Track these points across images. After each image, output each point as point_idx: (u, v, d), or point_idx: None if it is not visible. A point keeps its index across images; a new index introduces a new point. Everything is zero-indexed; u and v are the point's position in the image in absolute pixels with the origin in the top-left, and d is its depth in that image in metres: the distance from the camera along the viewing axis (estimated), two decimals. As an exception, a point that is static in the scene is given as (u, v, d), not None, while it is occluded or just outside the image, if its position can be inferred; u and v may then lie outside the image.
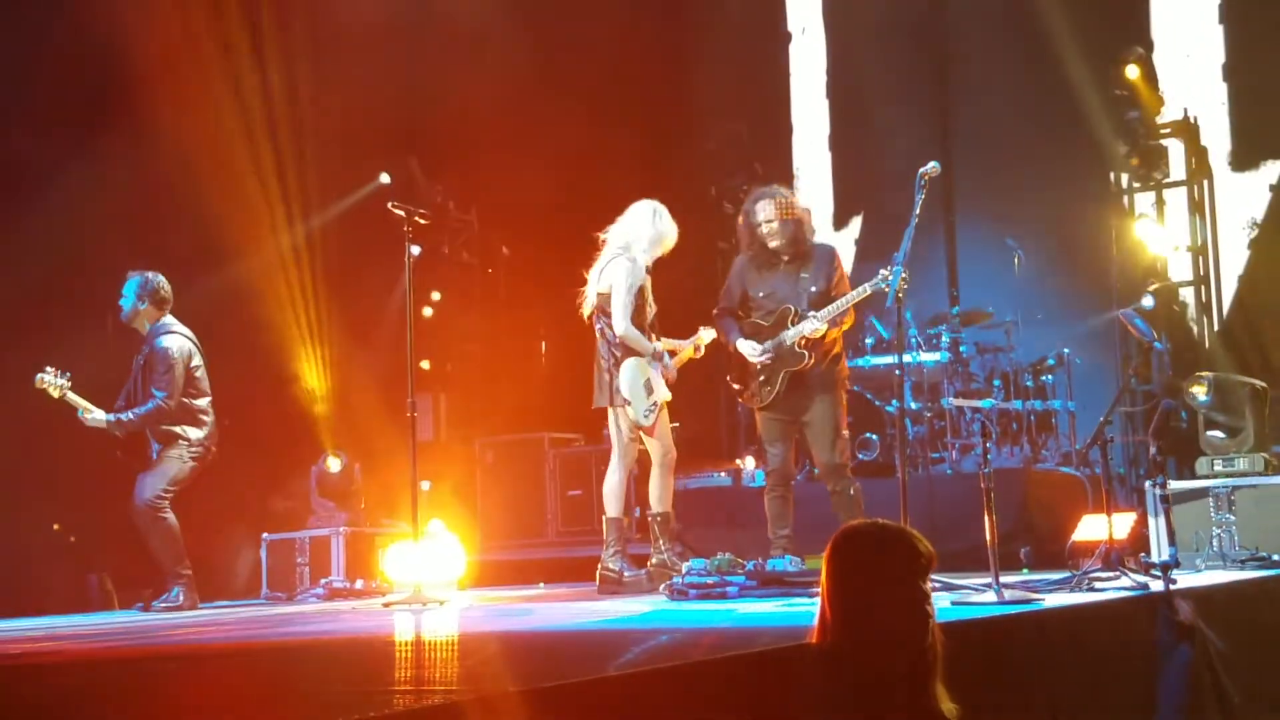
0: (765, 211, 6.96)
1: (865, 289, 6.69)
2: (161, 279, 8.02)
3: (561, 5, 11.58)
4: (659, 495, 7.20)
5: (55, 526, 8.30)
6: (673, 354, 7.29)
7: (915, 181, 5.98)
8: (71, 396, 7.70)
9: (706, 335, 7.37)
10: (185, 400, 7.91)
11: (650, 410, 7.06)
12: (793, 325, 6.88)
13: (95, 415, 7.73)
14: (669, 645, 4.07)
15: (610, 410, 7.19)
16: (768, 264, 7.03)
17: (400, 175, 11.40)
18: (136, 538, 7.96)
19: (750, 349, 6.94)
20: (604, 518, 7.28)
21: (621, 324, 6.98)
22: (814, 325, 6.80)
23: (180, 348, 7.92)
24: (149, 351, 7.89)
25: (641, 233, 7.15)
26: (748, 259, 7.12)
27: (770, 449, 7.10)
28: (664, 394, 7.13)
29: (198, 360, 8.01)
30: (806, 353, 6.88)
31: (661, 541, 7.20)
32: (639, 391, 7.06)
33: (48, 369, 7.68)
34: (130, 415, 7.79)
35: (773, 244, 6.97)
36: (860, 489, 6.97)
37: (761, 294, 7.03)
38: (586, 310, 7.22)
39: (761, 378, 6.98)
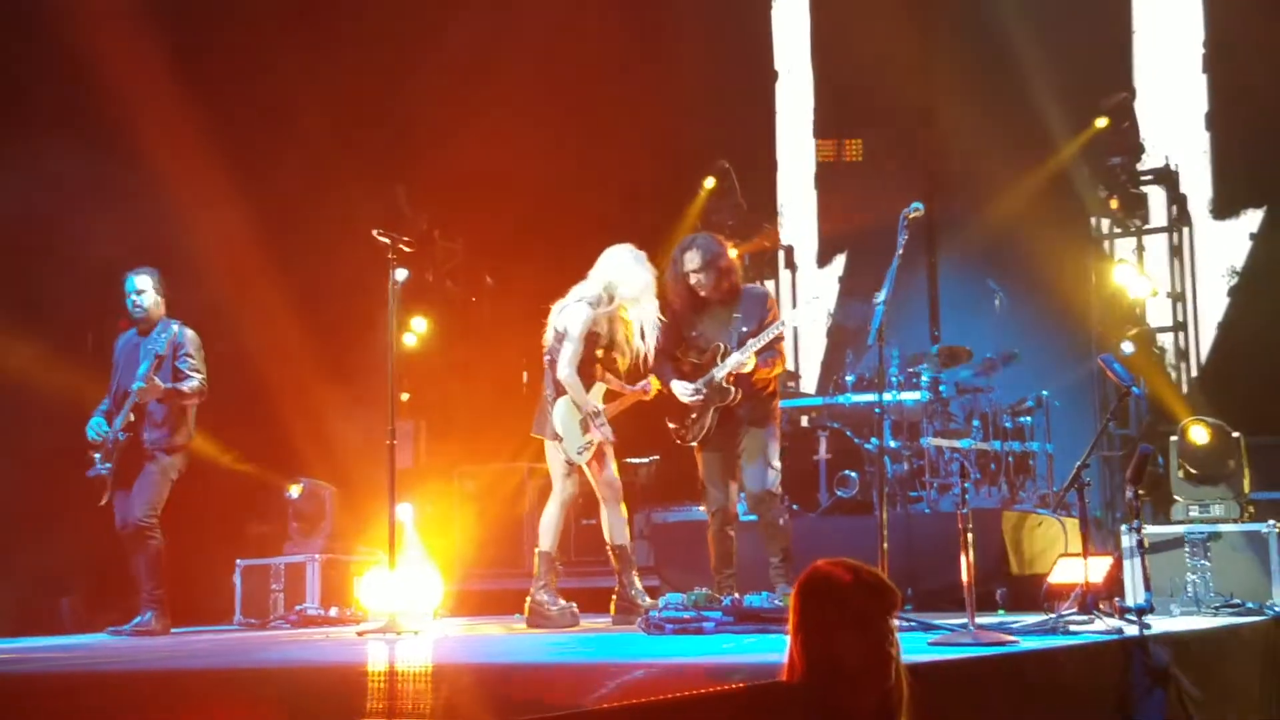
0: (692, 261, 7.13)
1: (779, 326, 6.98)
2: None
3: (550, 38, 11.65)
4: (612, 529, 7.40)
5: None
6: (616, 397, 7.46)
7: (899, 222, 6.03)
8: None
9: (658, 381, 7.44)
10: None
11: (584, 449, 7.22)
12: (721, 361, 7.04)
13: (156, 383, 7.67)
14: (646, 680, 4.06)
15: (546, 443, 7.32)
16: (700, 307, 7.21)
17: (387, 203, 11.41)
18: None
19: (681, 388, 7.12)
20: (536, 550, 7.38)
21: (566, 370, 7.12)
22: (739, 359, 6.98)
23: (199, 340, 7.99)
24: (170, 338, 7.82)
25: (632, 280, 7.24)
26: (679, 303, 7.28)
27: (710, 488, 7.23)
28: (601, 435, 7.19)
29: None
30: (733, 388, 7.03)
31: (625, 575, 7.23)
32: (573, 428, 7.20)
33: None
34: (185, 385, 7.78)
35: (702, 292, 7.15)
36: (789, 520, 7.21)
37: (694, 333, 7.21)
38: (546, 341, 7.34)
39: (693, 415, 7.16)
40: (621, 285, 7.22)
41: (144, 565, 7.75)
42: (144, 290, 7.94)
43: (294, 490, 9.55)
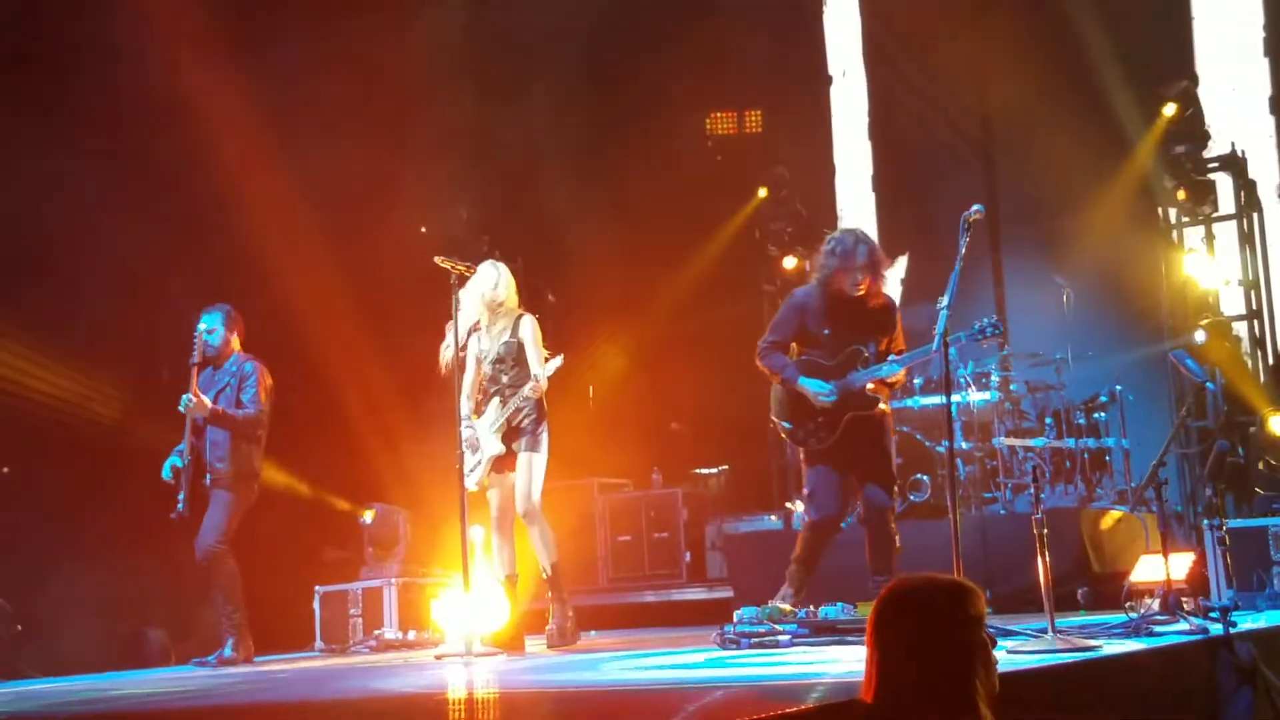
0: (862, 256, 6.76)
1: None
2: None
3: (606, 47, 11.68)
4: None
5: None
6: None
7: (959, 225, 5.96)
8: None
9: (551, 365, 7.25)
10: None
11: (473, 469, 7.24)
12: (863, 368, 6.75)
13: (203, 400, 7.81)
14: (725, 701, 4.05)
15: (535, 457, 7.30)
16: (840, 306, 6.84)
17: (447, 225, 11.49)
18: (192, 593, 8.02)
19: (816, 388, 6.77)
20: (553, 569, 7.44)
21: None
22: (892, 370, 6.69)
23: (268, 375, 8.09)
24: (238, 372, 8.00)
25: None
26: (819, 295, 6.91)
27: (823, 495, 6.90)
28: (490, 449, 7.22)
29: None
30: (879, 397, 6.79)
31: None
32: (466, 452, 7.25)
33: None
34: (239, 412, 7.90)
35: (857, 291, 6.80)
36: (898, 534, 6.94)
37: (827, 332, 6.85)
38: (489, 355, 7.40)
39: (820, 419, 6.81)
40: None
41: (220, 590, 7.86)
42: (214, 330, 8.05)
43: (368, 515, 9.65)
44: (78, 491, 8.64)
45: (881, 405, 6.86)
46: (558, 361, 7.24)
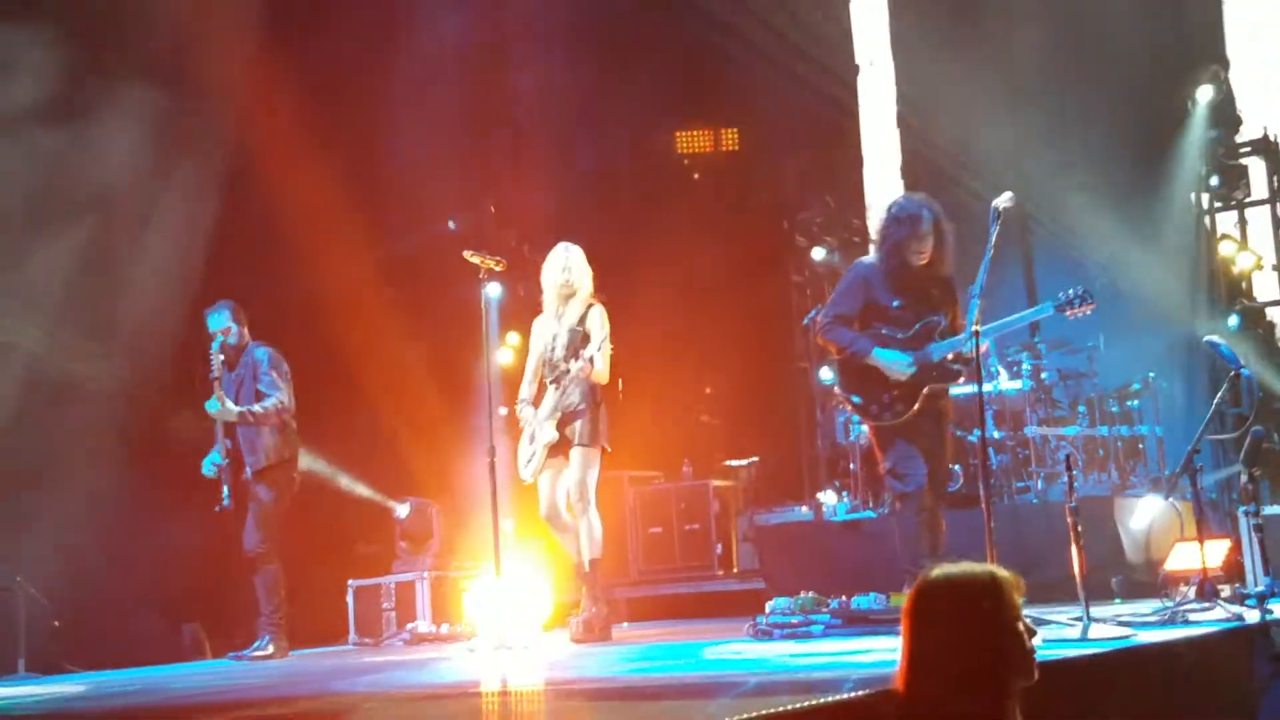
0: (928, 223, 6.41)
1: (1047, 307, 6.39)
2: None
3: (620, 40, 11.67)
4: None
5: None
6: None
7: (989, 214, 5.93)
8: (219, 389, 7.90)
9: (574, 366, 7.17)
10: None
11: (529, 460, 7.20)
12: (941, 339, 6.41)
13: (229, 406, 7.88)
14: (753, 692, 4.05)
15: (586, 450, 7.25)
16: (907, 276, 6.46)
17: (476, 219, 11.52)
18: (226, 587, 8.09)
19: (893, 361, 6.38)
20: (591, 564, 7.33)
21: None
22: (982, 341, 6.17)
23: (282, 358, 8.13)
24: (250, 361, 8.05)
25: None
26: (886, 266, 6.53)
27: (905, 469, 6.44)
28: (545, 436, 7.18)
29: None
30: (958, 369, 6.43)
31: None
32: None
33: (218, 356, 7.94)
34: (259, 406, 7.94)
35: (921, 260, 6.43)
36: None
37: (898, 304, 6.48)
38: (556, 349, 7.28)
39: (895, 391, 6.41)
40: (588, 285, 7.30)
41: (261, 590, 7.94)
42: (228, 328, 8.09)
43: (402, 510, 9.69)
44: (117, 487, 8.72)
45: (960, 380, 6.53)
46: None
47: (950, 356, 6.38)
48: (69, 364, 8.81)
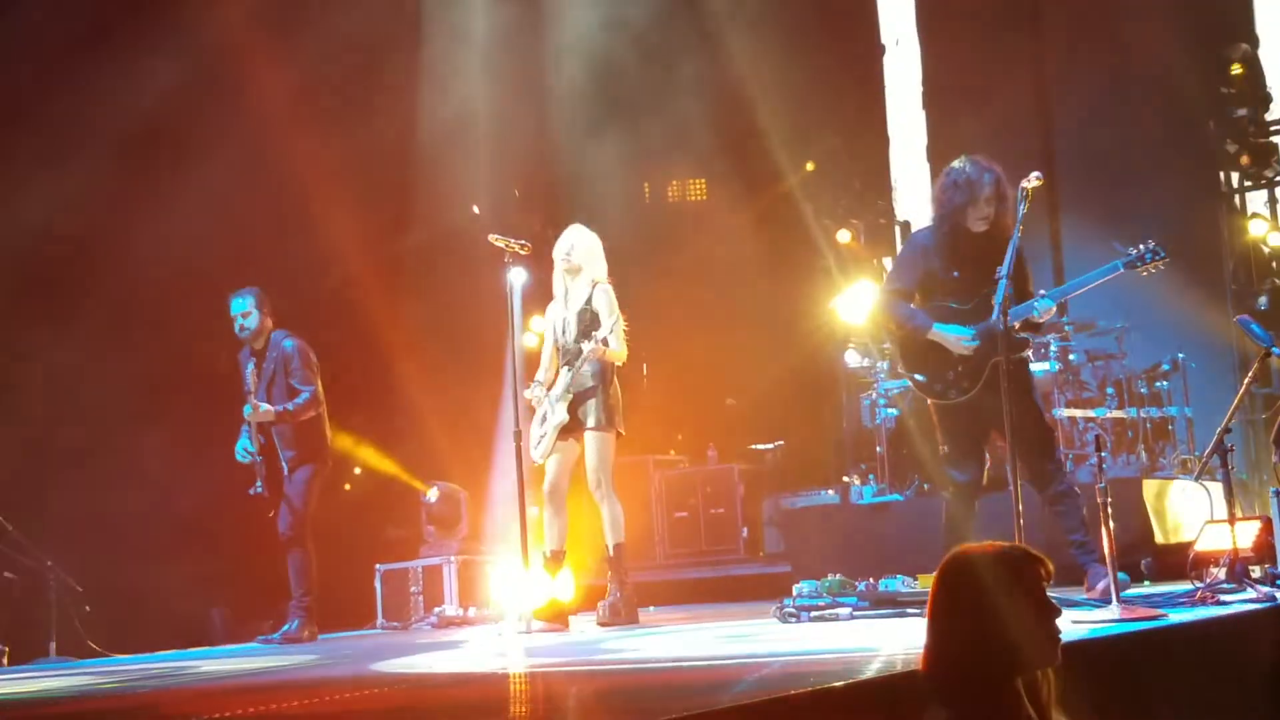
0: (988, 187, 6.07)
1: (1117, 266, 6.10)
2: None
3: (648, 26, 11.62)
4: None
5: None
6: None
7: (1016, 194, 5.88)
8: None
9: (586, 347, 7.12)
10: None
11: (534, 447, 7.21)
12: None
13: (265, 407, 7.92)
14: (779, 673, 4.04)
15: (600, 435, 7.21)
16: (965, 243, 6.12)
17: (500, 203, 11.52)
18: (254, 571, 8.15)
19: (958, 333, 6.09)
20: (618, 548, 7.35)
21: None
22: (1047, 304, 5.99)
23: (309, 348, 8.14)
24: (279, 355, 8.09)
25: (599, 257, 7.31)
26: (941, 234, 6.25)
27: (962, 456, 6.24)
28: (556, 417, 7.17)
29: None
30: (1027, 338, 6.15)
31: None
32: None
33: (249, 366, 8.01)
34: (292, 405, 7.99)
35: (981, 226, 6.12)
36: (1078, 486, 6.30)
37: (958, 274, 6.17)
38: (567, 331, 7.27)
39: (960, 367, 6.09)
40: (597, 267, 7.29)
41: (293, 574, 8.01)
42: (249, 312, 8.12)
43: (431, 494, 9.72)
44: (150, 474, 8.78)
45: (1029, 350, 6.26)
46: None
47: (1017, 325, 5.98)
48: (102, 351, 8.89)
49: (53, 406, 8.91)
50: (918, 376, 6.35)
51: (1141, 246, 6.09)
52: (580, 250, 7.33)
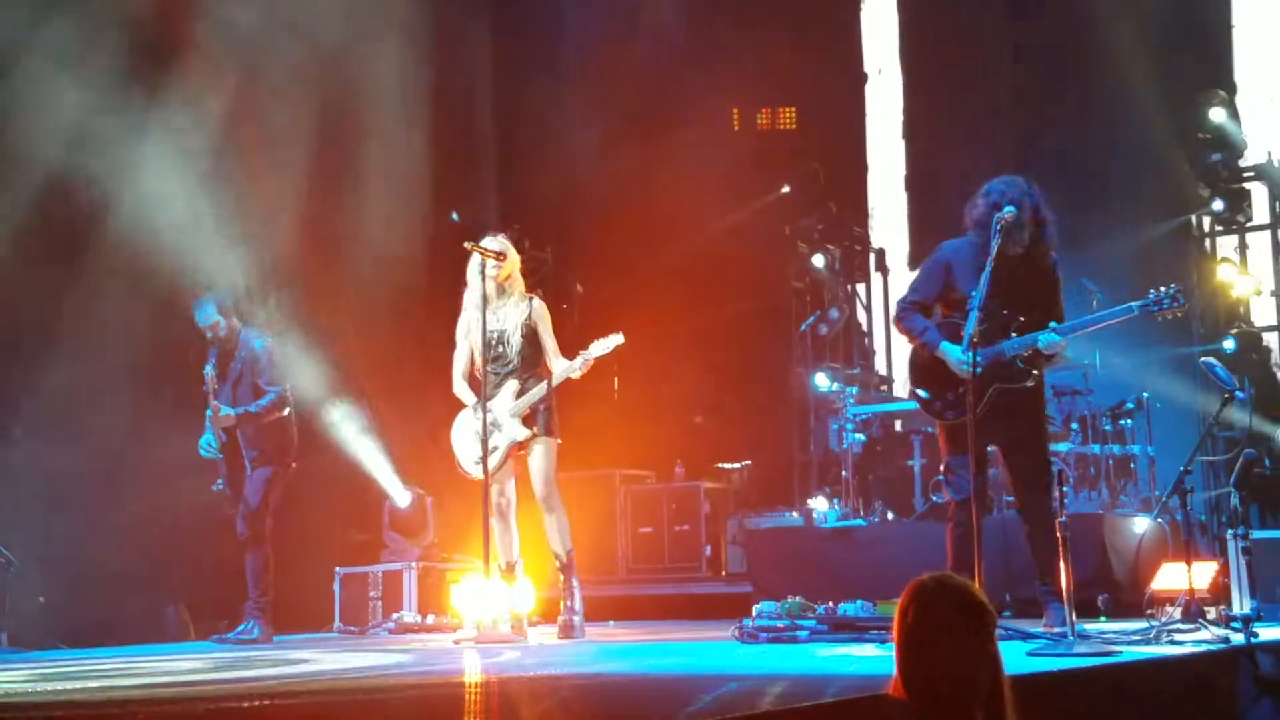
0: (1027, 211, 6.06)
1: (1132, 308, 6.07)
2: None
3: (626, 42, 11.68)
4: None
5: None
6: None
7: (990, 226, 5.94)
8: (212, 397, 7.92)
9: (597, 349, 7.10)
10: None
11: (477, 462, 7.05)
12: (1015, 335, 6.13)
13: (225, 410, 7.88)
14: (738, 693, 4.05)
15: (548, 443, 7.18)
16: (999, 264, 5.87)
17: (476, 213, 11.51)
18: (210, 570, 8.10)
19: (956, 355, 6.02)
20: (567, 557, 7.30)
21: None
22: (1052, 339, 5.99)
23: (278, 348, 8.11)
24: (248, 354, 8.05)
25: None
26: (968, 251, 6.19)
27: (961, 476, 6.17)
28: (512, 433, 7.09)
29: None
30: (1031, 370, 6.11)
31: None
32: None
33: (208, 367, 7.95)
34: (255, 407, 7.95)
35: (1016, 250, 6.08)
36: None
37: (971, 293, 5.96)
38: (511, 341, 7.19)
39: (962, 389, 5.97)
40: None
41: (251, 574, 7.98)
42: (216, 322, 8.06)
43: (403, 499, 9.68)
44: (103, 467, 8.69)
45: (1031, 381, 6.18)
46: (618, 339, 7.12)
47: (1025, 354, 6.06)
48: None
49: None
50: (921, 393, 6.41)
51: (1162, 290, 6.05)
52: (513, 257, 7.31)
